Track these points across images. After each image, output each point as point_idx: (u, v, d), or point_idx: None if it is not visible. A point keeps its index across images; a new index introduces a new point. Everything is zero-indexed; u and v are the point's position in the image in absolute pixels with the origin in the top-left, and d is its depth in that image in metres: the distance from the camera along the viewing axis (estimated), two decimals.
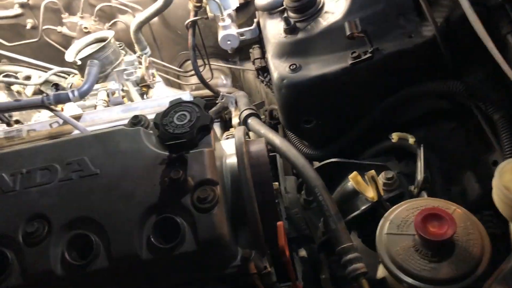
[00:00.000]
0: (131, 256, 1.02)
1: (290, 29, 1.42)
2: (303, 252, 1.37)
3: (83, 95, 1.33)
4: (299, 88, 1.35)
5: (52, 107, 1.31)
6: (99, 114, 1.44)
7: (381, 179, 1.20)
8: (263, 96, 2.18)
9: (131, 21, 2.08)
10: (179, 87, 2.33)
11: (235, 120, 1.75)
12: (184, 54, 2.32)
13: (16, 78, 1.71)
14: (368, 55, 1.30)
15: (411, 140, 1.27)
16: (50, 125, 1.48)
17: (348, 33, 1.25)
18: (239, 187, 1.13)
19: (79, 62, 1.58)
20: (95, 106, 1.55)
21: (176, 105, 1.17)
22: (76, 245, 1.05)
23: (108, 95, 1.51)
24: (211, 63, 2.10)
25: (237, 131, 1.20)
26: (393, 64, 1.30)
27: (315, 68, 1.36)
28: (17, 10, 2.03)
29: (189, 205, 1.04)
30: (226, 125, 2.02)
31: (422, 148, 1.24)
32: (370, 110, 1.38)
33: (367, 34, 1.27)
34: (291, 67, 1.37)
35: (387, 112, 1.36)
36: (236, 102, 1.75)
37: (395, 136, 1.29)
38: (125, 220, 1.03)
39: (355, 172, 1.17)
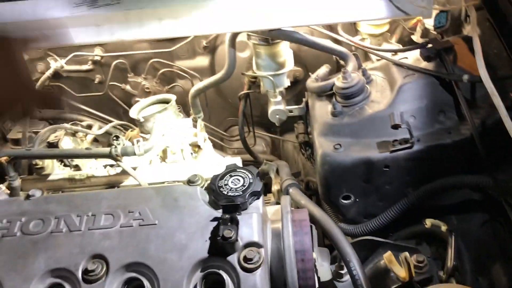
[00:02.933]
0: None
1: (337, 113, 1.55)
2: None
3: (147, 151, 1.48)
4: (341, 167, 1.47)
5: (118, 158, 1.46)
6: (156, 169, 1.58)
7: (412, 261, 1.28)
8: (299, 166, 2.30)
9: (188, 86, 2.29)
10: (222, 149, 2.48)
11: (274, 187, 1.87)
12: (230, 120, 2.50)
13: (82, 126, 1.88)
14: (408, 144, 1.42)
15: (443, 228, 1.36)
16: (108, 172, 1.62)
17: (392, 123, 1.37)
18: (281, 253, 1.22)
19: (142, 119, 1.74)
20: (150, 161, 1.69)
21: (232, 170, 1.30)
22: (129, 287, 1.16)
23: (165, 153, 1.66)
24: (255, 131, 2.26)
25: (283, 200, 1.31)
26: (431, 155, 1.41)
27: (358, 150, 1.48)
28: (89, 66, 2.27)
29: (236, 263, 1.14)
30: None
31: (453, 237, 1.32)
32: (407, 194, 1.48)
33: (409, 126, 1.40)
34: (335, 147, 1.50)
35: (422, 197, 1.45)
36: (277, 171, 1.87)
37: (428, 222, 1.38)
38: (176, 270, 1.13)
39: (389, 252, 1.25)
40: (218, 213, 1.21)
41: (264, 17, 1.56)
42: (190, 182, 1.31)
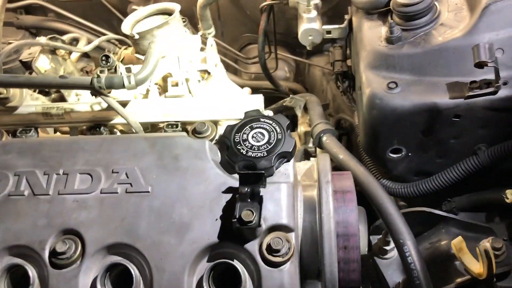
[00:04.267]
0: None
1: (395, 38, 1.17)
2: None
3: (139, 83, 1.12)
4: (396, 113, 1.12)
5: (102, 91, 1.11)
6: (152, 105, 1.23)
7: (491, 251, 0.96)
8: (328, 98, 1.94)
9: None
10: (235, 73, 2.10)
11: (300, 129, 1.53)
12: (247, 37, 2.11)
13: (63, 41, 1.51)
14: (492, 89, 1.05)
15: None
16: (92, 107, 1.28)
17: (477, 60, 1.00)
18: (315, 234, 0.91)
19: (137, 36, 1.36)
20: (147, 91, 1.34)
21: (254, 119, 0.95)
22: (111, 276, 0.87)
23: (166, 81, 1.30)
24: (277, 52, 1.87)
25: (322, 160, 0.98)
26: None
27: (420, 91, 1.12)
28: None
29: (256, 254, 0.84)
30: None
31: None
32: (477, 151, 1.15)
33: (497, 63, 1.02)
34: (389, 85, 1.14)
35: (498, 158, 1.12)
36: (305, 107, 1.52)
37: (510, 195, 1.05)
38: (175, 257, 0.84)
39: (460, 238, 0.94)
40: (234, 179, 0.89)
41: None
42: (196, 132, 0.97)
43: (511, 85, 1.07)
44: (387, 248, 1.13)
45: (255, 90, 1.57)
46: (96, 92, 1.12)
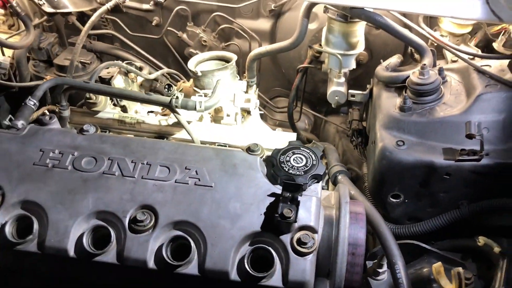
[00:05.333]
0: (221, 273, 1.08)
1: (407, 108, 1.48)
2: None
3: (207, 109, 1.42)
4: (401, 165, 1.41)
5: (177, 109, 1.41)
6: (207, 127, 1.53)
7: (462, 275, 1.24)
8: (339, 152, 2.24)
9: (244, 46, 2.21)
10: (262, 117, 2.41)
11: None
12: (277, 90, 2.43)
13: (136, 67, 1.82)
14: (477, 157, 1.35)
15: (496, 249, 1.31)
16: (159, 121, 1.58)
17: (467, 132, 1.30)
18: (330, 241, 1.18)
19: (200, 74, 1.68)
20: (200, 118, 1.64)
21: (296, 147, 1.25)
22: (173, 245, 1.12)
23: (217, 112, 1.60)
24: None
25: (342, 188, 1.26)
26: (496, 172, 1.35)
27: (421, 151, 1.41)
28: (150, 6, 2.19)
29: (288, 244, 1.10)
30: None
31: (505, 261, 1.27)
32: (460, 205, 1.43)
33: (482, 138, 1.33)
34: (398, 143, 1.43)
35: (476, 213, 1.40)
36: (323, 154, 1.82)
37: (482, 240, 1.33)
38: (226, 237, 1.10)
39: (440, 263, 1.21)
40: (277, 189, 1.17)
41: None
42: (250, 150, 1.26)
43: (492, 157, 1.35)
44: (380, 270, 1.39)
45: None
46: (171, 109, 1.42)
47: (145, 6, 2.20)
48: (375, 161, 1.47)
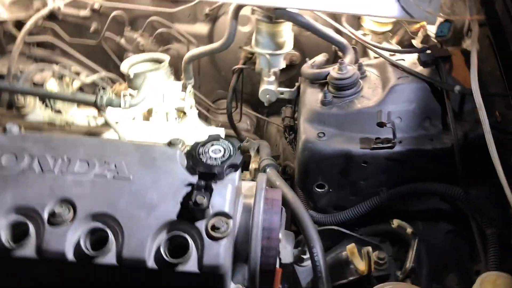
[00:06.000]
0: (138, 261, 1.11)
1: (327, 102, 1.56)
2: None
3: (132, 105, 1.46)
4: (321, 155, 1.48)
5: (102, 108, 1.44)
6: (138, 126, 1.57)
7: (373, 257, 1.31)
8: (279, 150, 2.31)
9: (183, 50, 2.26)
10: (206, 120, 2.47)
11: (252, 166, 1.87)
12: (219, 93, 2.48)
13: (69, 71, 1.85)
14: (390, 144, 1.43)
15: (409, 230, 1.39)
16: (89, 122, 1.61)
17: (378, 120, 1.39)
18: (248, 227, 1.23)
19: (132, 76, 1.72)
20: (133, 118, 1.68)
21: (214, 139, 1.30)
22: (93, 237, 1.15)
23: (150, 112, 1.64)
24: (242, 108, 2.25)
25: (260, 177, 1.32)
26: (410, 158, 1.44)
27: (340, 141, 1.49)
28: (87, 13, 2.22)
29: (203, 230, 1.14)
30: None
31: (416, 241, 1.35)
32: (379, 192, 1.51)
33: (394, 126, 1.41)
34: (319, 135, 1.51)
35: (394, 199, 1.48)
36: (257, 149, 1.88)
37: (395, 223, 1.41)
38: (143, 227, 1.13)
39: (353, 244, 1.28)
40: (194, 178, 1.21)
41: None
42: (171, 144, 1.30)
43: (404, 144, 1.44)
44: (304, 257, 1.45)
45: None
46: (97, 108, 1.45)
47: (82, 13, 2.23)
48: (298, 152, 1.54)
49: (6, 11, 2.04)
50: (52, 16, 2.11)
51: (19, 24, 2.24)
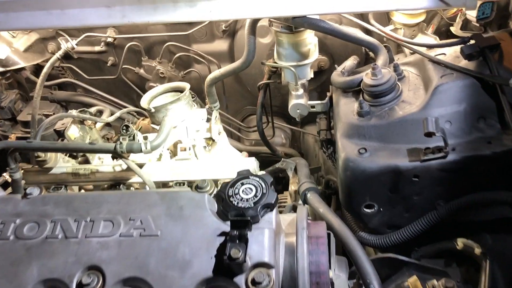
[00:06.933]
0: None
1: (364, 112, 1.41)
2: None
3: (154, 149, 1.37)
4: (366, 174, 1.33)
5: (123, 155, 1.35)
6: (164, 166, 1.47)
7: (440, 286, 1.15)
8: (320, 161, 2.16)
9: (205, 71, 2.16)
10: (239, 140, 2.36)
11: (291, 188, 1.75)
12: (248, 109, 2.37)
13: (90, 113, 1.78)
14: (442, 154, 1.27)
15: (477, 250, 1.22)
16: (113, 168, 1.52)
17: (426, 130, 1.22)
18: (294, 272, 1.10)
19: (153, 110, 1.62)
20: (160, 155, 1.58)
21: (244, 177, 1.18)
22: None
23: (176, 147, 1.55)
24: (274, 121, 2.13)
25: (300, 212, 1.19)
26: (467, 167, 1.26)
27: (385, 156, 1.34)
28: (101, 48, 2.15)
29: (243, 286, 1.03)
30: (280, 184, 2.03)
31: (488, 261, 1.18)
32: (436, 206, 1.34)
33: (444, 133, 1.25)
34: (360, 151, 1.36)
35: (454, 212, 1.31)
36: (295, 169, 1.74)
37: (460, 243, 1.24)
38: None
39: (414, 277, 1.12)
40: (227, 225, 1.10)
41: (288, 3, 1.41)
42: (198, 188, 1.20)
43: (459, 151, 1.27)
44: None
45: (254, 155, 1.80)
46: (118, 156, 1.37)
47: (97, 48, 2.17)
48: (340, 173, 1.40)
49: (21, 59, 2.00)
50: (67, 56, 2.06)
51: (39, 68, 2.21)
